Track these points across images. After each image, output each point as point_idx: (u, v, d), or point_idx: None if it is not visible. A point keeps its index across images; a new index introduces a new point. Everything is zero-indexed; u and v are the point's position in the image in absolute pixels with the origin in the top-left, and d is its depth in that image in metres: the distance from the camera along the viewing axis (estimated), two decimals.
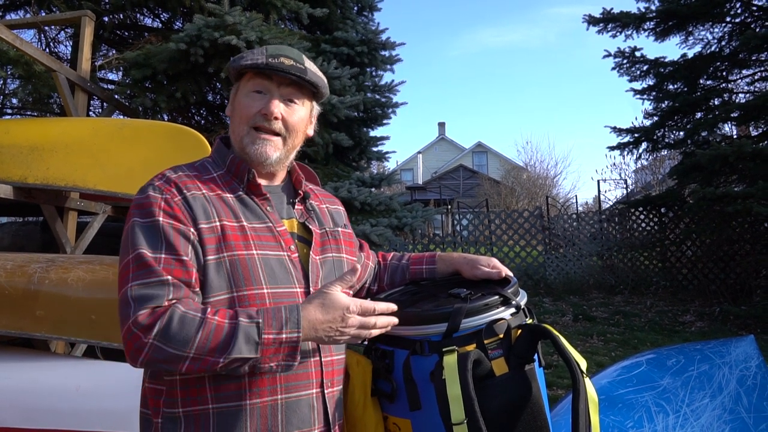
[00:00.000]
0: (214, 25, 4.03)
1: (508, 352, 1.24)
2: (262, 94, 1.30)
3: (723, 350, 2.59)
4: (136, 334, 1.07)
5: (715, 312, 7.75)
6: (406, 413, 1.25)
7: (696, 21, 9.29)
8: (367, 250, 1.65)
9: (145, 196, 1.21)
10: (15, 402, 2.30)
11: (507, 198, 23.54)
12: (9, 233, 5.36)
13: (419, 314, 1.28)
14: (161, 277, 1.12)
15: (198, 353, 1.07)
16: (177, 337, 1.06)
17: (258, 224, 1.26)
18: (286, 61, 1.29)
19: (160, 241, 1.16)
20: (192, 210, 1.21)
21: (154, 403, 1.20)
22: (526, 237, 11.20)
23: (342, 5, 6.00)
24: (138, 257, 1.14)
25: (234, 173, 1.32)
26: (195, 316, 1.09)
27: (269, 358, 1.10)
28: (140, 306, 1.09)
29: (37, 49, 4.01)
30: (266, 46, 1.32)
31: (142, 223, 1.18)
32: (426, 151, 36.62)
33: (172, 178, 1.25)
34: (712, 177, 8.39)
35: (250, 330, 1.09)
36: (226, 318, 1.10)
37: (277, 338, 1.10)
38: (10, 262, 2.61)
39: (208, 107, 5.97)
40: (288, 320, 1.12)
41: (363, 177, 5.75)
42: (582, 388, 1.20)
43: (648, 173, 19.95)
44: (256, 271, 1.21)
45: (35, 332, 2.45)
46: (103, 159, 3.21)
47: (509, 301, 1.29)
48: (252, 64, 1.28)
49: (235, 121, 1.32)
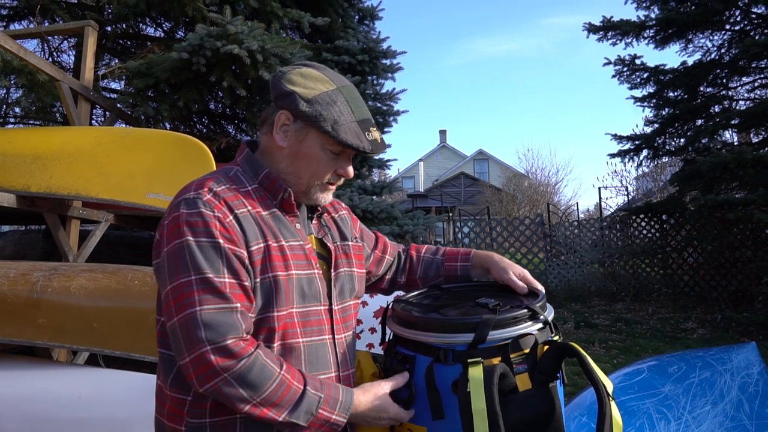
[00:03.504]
0: (216, 35, 4.06)
1: (533, 368, 1.21)
2: (337, 155, 1.30)
3: (725, 357, 2.59)
4: (216, 360, 1.08)
5: (717, 319, 7.73)
6: (423, 421, 1.24)
7: (696, 29, 9.32)
8: (384, 243, 1.65)
9: (197, 212, 1.16)
10: (17, 410, 2.30)
11: (508, 205, 23.54)
12: (12, 241, 5.38)
13: (445, 322, 1.26)
14: (231, 304, 1.12)
15: (262, 402, 1.10)
16: (252, 383, 1.09)
17: (294, 242, 1.27)
18: (377, 136, 1.30)
19: (222, 264, 1.14)
20: (244, 231, 1.19)
21: (176, 411, 1.20)
22: (528, 244, 11.20)
23: (343, 14, 6.03)
24: (204, 281, 1.12)
25: (267, 188, 1.30)
26: (273, 369, 1.12)
27: (310, 430, 1.16)
28: (216, 333, 1.09)
29: (40, 59, 4.04)
30: (350, 103, 1.28)
31: (199, 243, 1.14)
32: (427, 158, 36.66)
33: (219, 192, 1.21)
34: (713, 184, 8.39)
35: (312, 401, 1.14)
36: (296, 380, 1.15)
37: (328, 418, 1.16)
38: (13, 270, 2.62)
39: (210, 116, 6.00)
40: (342, 405, 1.18)
41: (365, 185, 5.77)
42: (608, 412, 1.16)
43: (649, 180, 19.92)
44: (290, 292, 1.22)
45: (37, 340, 2.46)
46: (105, 168, 3.22)
47: (537, 315, 1.27)
48: (357, 146, 1.25)
49: (304, 169, 1.30)
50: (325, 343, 1.28)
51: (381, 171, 8.33)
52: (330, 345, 1.29)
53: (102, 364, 3.11)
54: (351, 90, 1.32)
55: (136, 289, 2.50)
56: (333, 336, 1.30)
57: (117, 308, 2.48)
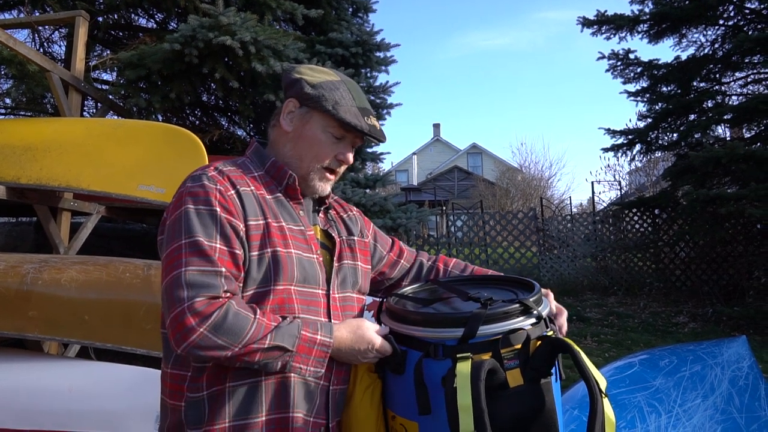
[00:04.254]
0: (208, 26, 4.03)
1: (525, 363, 1.19)
2: (338, 139, 1.36)
3: (715, 351, 2.61)
4: (189, 320, 1.09)
5: (708, 313, 7.79)
6: (414, 416, 1.22)
7: (689, 24, 9.34)
8: (400, 248, 1.67)
9: (200, 185, 1.23)
10: (8, 403, 2.29)
11: (501, 199, 23.60)
12: (2, 233, 5.35)
13: (436, 316, 1.26)
14: (217, 267, 1.15)
15: (244, 346, 1.12)
16: (229, 331, 1.11)
17: (293, 226, 1.32)
18: (376, 123, 1.37)
19: (216, 230, 1.19)
20: (243, 205, 1.25)
21: (176, 387, 1.23)
22: (521, 238, 11.23)
23: (337, 6, 6.00)
24: (194, 243, 1.16)
25: (273, 175, 1.37)
26: (248, 315, 1.14)
27: (302, 357, 1.18)
28: (196, 292, 1.11)
29: (30, 49, 4.00)
30: (352, 92, 1.37)
31: (198, 211, 1.20)
32: (421, 152, 36.65)
33: (224, 171, 1.28)
34: (705, 179, 8.43)
35: (292, 326, 1.18)
36: (272, 320, 1.17)
37: (312, 337, 1.19)
38: (3, 262, 2.60)
39: (203, 108, 5.97)
40: (323, 327, 1.23)
41: (358, 178, 5.76)
42: (600, 409, 1.14)
43: (642, 175, 20.02)
44: (291, 267, 1.25)
45: (28, 333, 2.44)
46: (96, 159, 3.20)
47: (530, 310, 1.25)
48: (355, 125, 1.32)
49: (306, 151, 1.36)
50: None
51: (374, 164, 8.33)
52: None
53: (93, 357, 3.10)
54: (354, 84, 1.41)
55: (128, 282, 2.49)
56: (330, 321, 1.30)
57: (108, 301, 2.47)
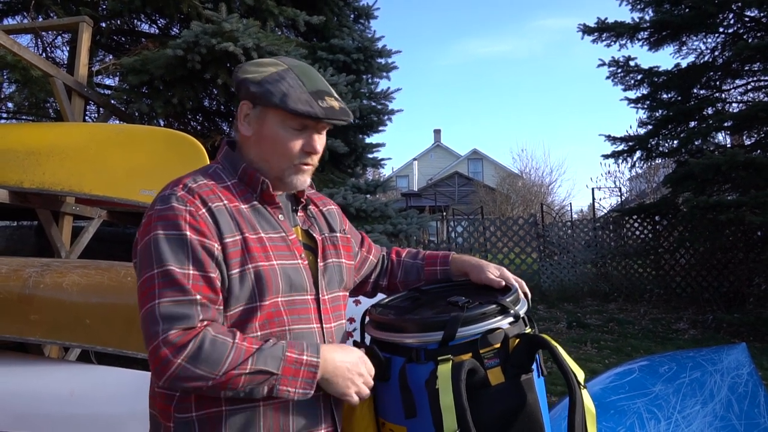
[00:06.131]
0: (211, 32, 4.05)
1: (505, 361, 1.23)
2: (300, 131, 1.28)
3: (715, 358, 2.61)
4: (164, 352, 1.06)
5: (708, 320, 7.78)
6: (402, 420, 1.25)
7: (689, 31, 9.36)
8: (369, 244, 1.65)
9: (168, 207, 1.17)
10: (8, 406, 2.29)
11: (502, 205, 23.58)
12: (4, 237, 5.36)
13: (417, 321, 1.28)
14: (190, 296, 1.11)
15: (225, 373, 1.08)
16: (207, 360, 1.07)
17: (273, 234, 1.27)
18: (335, 104, 1.28)
19: (187, 256, 1.14)
20: (217, 223, 1.19)
21: (164, 407, 1.20)
22: (521, 244, 11.24)
23: (339, 13, 6.03)
24: (165, 273, 1.11)
25: (247, 183, 1.30)
26: (225, 341, 1.10)
27: (288, 379, 1.13)
28: (170, 324, 1.08)
29: (34, 54, 4.03)
30: (300, 77, 1.28)
31: (167, 236, 1.15)
32: (421, 158, 36.67)
33: (193, 188, 1.22)
34: (705, 186, 8.43)
35: (275, 348, 1.13)
36: (253, 343, 1.12)
37: (298, 358, 1.14)
38: (5, 266, 2.61)
39: (205, 113, 5.99)
40: (309, 347, 1.17)
41: (358, 183, 5.76)
42: (579, 400, 1.19)
43: (642, 181, 19.99)
44: (276, 280, 1.21)
45: (29, 336, 2.45)
46: (99, 164, 3.21)
47: (507, 310, 1.29)
48: (307, 112, 1.24)
49: (271, 153, 1.29)
50: (312, 331, 1.26)
51: (375, 170, 8.34)
52: (318, 333, 1.27)
53: (94, 361, 3.10)
54: (304, 68, 1.32)
55: (129, 286, 2.49)
56: (321, 325, 1.28)
57: (109, 305, 2.48)
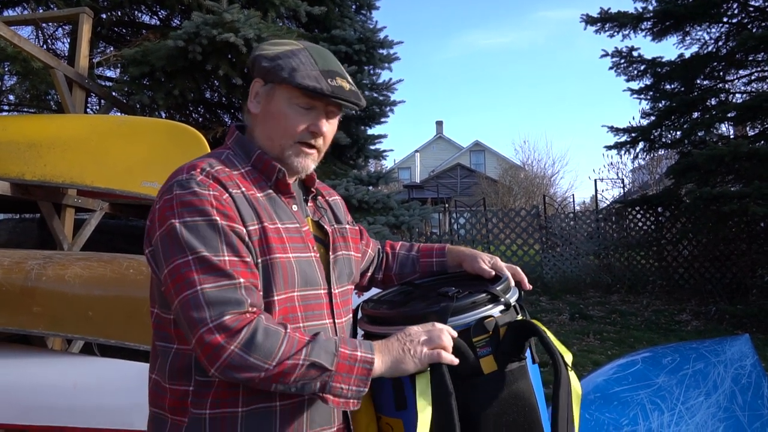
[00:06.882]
0: (212, 23, 4.03)
1: (497, 349, 1.23)
2: (307, 110, 1.25)
3: (718, 349, 2.60)
4: (216, 339, 1.03)
5: (711, 311, 7.78)
6: (394, 413, 1.25)
7: (693, 21, 9.31)
8: (367, 237, 1.64)
9: (190, 191, 1.13)
10: (12, 399, 2.30)
11: (504, 197, 23.54)
12: (6, 230, 5.36)
13: (409, 314, 1.28)
14: (234, 279, 1.08)
15: (278, 364, 1.05)
16: (261, 348, 1.04)
17: (290, 225, 1.24)
18: (344, 84, 1.25)
19: (220, 242, 1.10)
20: (239, 210, 1.16)
21: (178, 403, 1.16)
22: (523, 236, 11.22)
23: (340, 3, 6.00)
24: (201, 260, 1.08)
25: (261, 170, 1.27)
26: (278, 330, 1.07)
27: (342, 376, 1.09)
28: (220, 310, 1.04)
29: (34, 46, 4.01)
30: (314, 56, 1.25)
31: (195, 222, 1.11)
32: (424, 149, 36.61)
33: (211, 172, 1.18)
34: (708, 177, 8.41)
35: (329, 343, 1.10)
36: (305, 335, 1.10)
37: (352, 354, 1.10)
38: (8, 258, 2.61)
39: (206, 104, 5.97)
40: (361, 344, 1.13)
41: (361, 175, 5.76)
42: (564, 378, 1.20)
43: (645, 173, 19.98)
44: (293, 273, 1.19)
45: (32, 329, 2.45)
46: (100, 156, 3.21)
47: (497, 298, 1.29)
48: (314, 88, 1.20)
49: (274, 130, 1.27)
50: (326, 327, 1.25)
51: (377, 161, 8.33)
52: (331, 329, 1.26)
53: (97, 353, 3.11)
54: (320, 49, 1.29)
55: (131, 278, 2.49)
56: (333, 320, 1.28)
57: (112, 297, 2.48)
